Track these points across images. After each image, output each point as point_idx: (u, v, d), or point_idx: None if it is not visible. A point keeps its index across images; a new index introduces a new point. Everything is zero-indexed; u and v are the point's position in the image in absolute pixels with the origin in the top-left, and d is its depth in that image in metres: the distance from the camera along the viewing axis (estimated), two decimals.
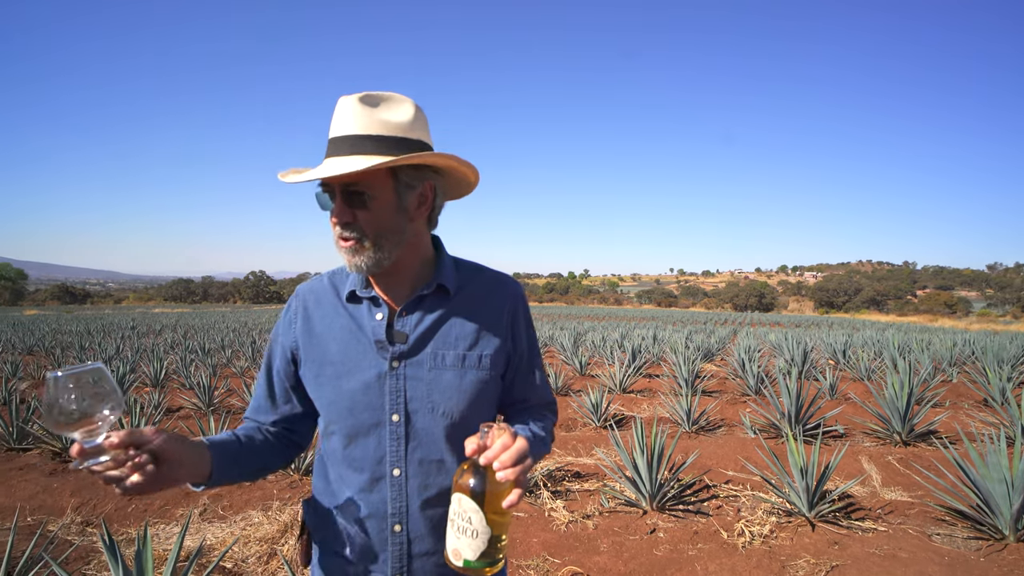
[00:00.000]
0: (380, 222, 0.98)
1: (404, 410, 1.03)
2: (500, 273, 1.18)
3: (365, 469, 1.04)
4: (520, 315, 1.15)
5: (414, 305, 1.07)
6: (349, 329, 1.07)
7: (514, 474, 0.83)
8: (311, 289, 1.14)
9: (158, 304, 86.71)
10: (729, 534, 3.34)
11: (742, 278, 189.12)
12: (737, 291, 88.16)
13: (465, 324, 1.08)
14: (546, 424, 1.16)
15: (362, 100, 0.97)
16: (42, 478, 4.28)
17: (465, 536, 0.86)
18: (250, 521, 3.47)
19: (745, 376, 7.88)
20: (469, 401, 1.05)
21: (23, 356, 12.66)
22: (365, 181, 0.96)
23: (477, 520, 0.84)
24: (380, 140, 0.96)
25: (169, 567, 2.11)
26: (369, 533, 1.05)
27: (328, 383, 1.06)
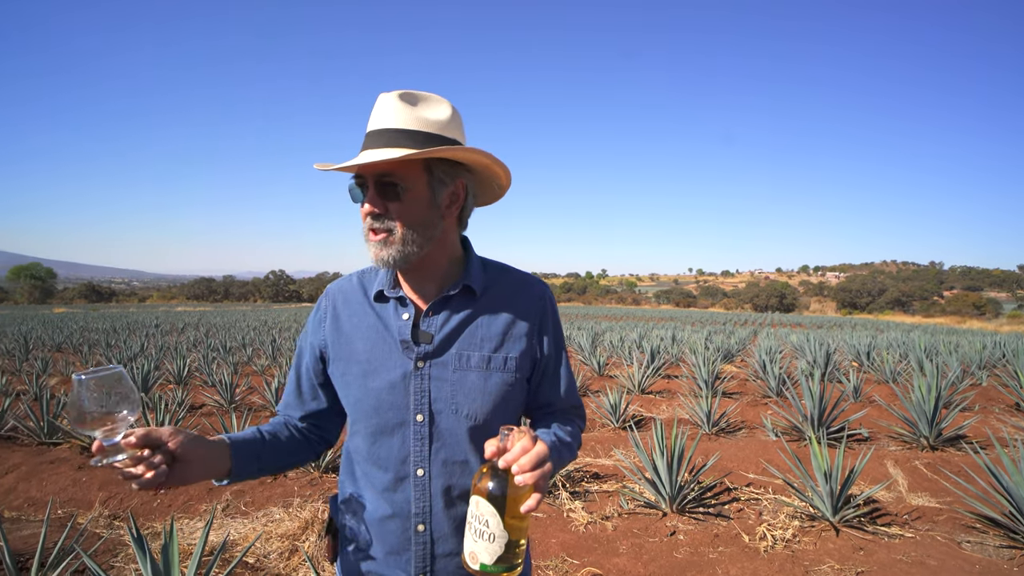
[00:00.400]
0: (412, 215, 0.99)
1: (428, 410, 1.03)
2: (528, 275, 1.16)
3: (389, 468, 1.05)
4: (547, 318, 1.13)
5: (440, 305, 1.06)
6: (376, 328, 1.07)
7: (532, 478, 0.82)
8: (340, 288, 1.15)
9: (181, 303, 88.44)
10: (751, 538, 3.29)
11: (762, 278, 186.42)
12: (757, 291, 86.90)
13: (491, 325, 1.07)
14: (572, 429, 1.14)
15: (401, 97, 0.99)
16: (71, 472, 4.39)
17: (482, 540, 0.85)
18: (271, 517, 3.52)
19: (766, 378, 7.76)
20: (493, 403, 1.04)
21: (52, 353, 13.01)
22: (399, 172, 0.97)
23: (494, 524, 0.83)
24: (416, 135, 0.97)
25: (194, 562, 2.15)
26: (393, 532, 1.05)
27: (354, 382, 1.07)
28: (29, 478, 4.30)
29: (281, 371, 7.61)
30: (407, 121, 0.97)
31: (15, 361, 11.23)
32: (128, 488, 4.11)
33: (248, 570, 2.90)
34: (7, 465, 4.52)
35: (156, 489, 0.85)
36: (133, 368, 8.24)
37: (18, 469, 4.44)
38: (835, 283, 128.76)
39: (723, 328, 22.20)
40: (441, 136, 0.99)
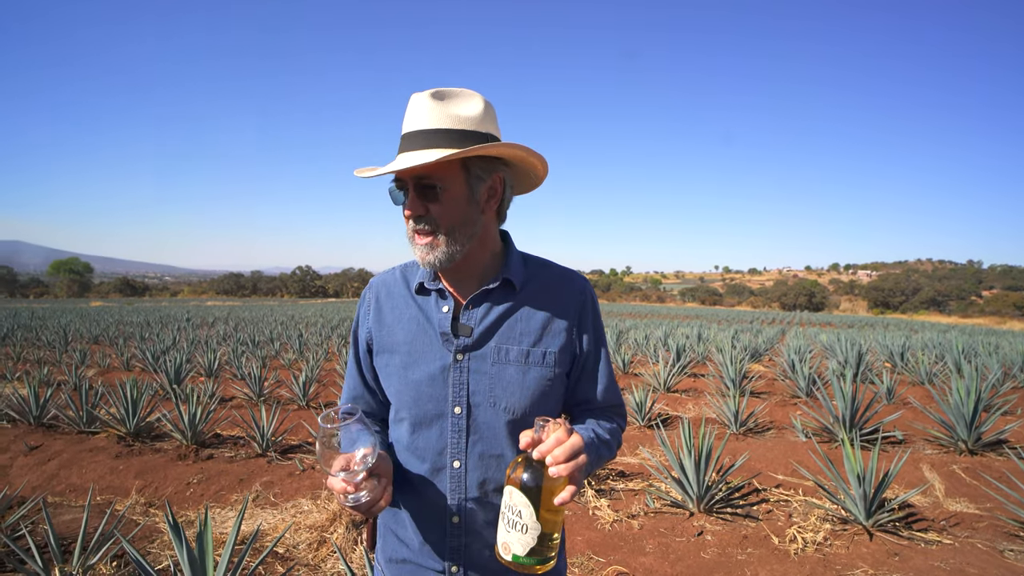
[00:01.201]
0: (452, 214, 1.00)
1: (466, 403, 1.03)
2: (569, 269, 1.15)
3: (427, 459, 1.06)
4: (587, 313, 1.12)
5: (480, 299, 1.07)
6: (417, 320, 1.08)
7: (567, 470, 0.81)
8: (383, 281, 1.18)
9: (211, 297, 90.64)
10: (780, 540, 3.23)
11: (790, 276, 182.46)
12: (785, 290, 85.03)
13: (531, 320, 1.07)
14: (612, 427, 1.13)
15: (433, 96, 0.99)
16: (109, 460, 4.53)
17: (515, 531, 0.84)
18: (300, 509, 3.58)
19: (795, 377, 7.60)
20: (531, 397, 1.04)
21: (90, 345, 13.46)
22: (437, 174, 0.98)
23: (527, 515, 0.83)
24: (451, 133, 0.97)
25: (227, 550, 2.19)
26: (429, 522, 1.06)
27: (396, 373, 1.09)
28: (70, 465, 4.46)
29: (308, 366, 7.73)
30: (440, 120, 0.98)
31: (55, 352, 11.65)
32: (162, 476, 4.23)
33: (278, 560, 2.96)
34: (50, 452, 4.70)
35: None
36: (166, 361, 8.47)
37: (60, 456, 4.61)
38: (867, 281, 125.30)
39: (750, 327, 21.81)
40: (476, 132, 0.99)
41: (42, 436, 5.12)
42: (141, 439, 5.15)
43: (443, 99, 0.99)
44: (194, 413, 4.94)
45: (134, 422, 5.11)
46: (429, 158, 0.94)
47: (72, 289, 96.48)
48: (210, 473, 4.25)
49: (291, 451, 4.90)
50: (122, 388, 5.24)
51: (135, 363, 10.24)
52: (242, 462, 4.54)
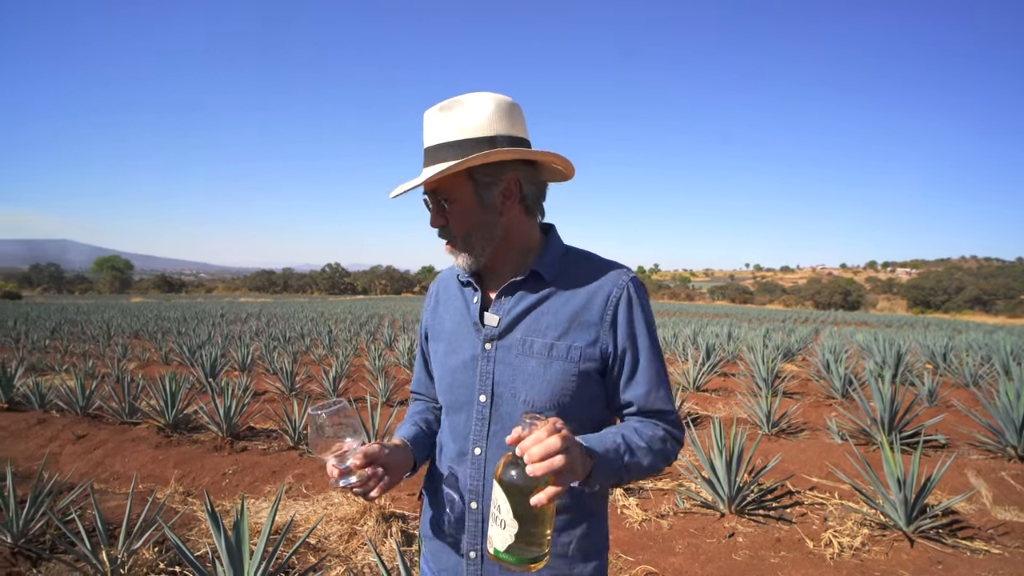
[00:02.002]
0: (465, 223, 1.04)
1: (491, 392, 1.06)
2: (612, 263, 1.11)
3: (456, 443, 1.10)
4: (624, 308, 1.04)
5: (509, 290, 1.08)
6: (460, 311, 1.14)
7: (540, 470, 0.78)
8: (444, 276, 1.24)
9: (243, 294, 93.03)
10: (815, 544, 3.15)
11: (825, 274, 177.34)
12: (819, 288, 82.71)
13: (559, 313, 1.05)
14: (652, 436, 1.03)
15: (439, 109, 1.02)
16: (149, 450, 4.70)
17: (495, 525, 0.84)
18: (331, 501, 3.64)
19: (830, 378, 7.39)
20: (551, 392, 1.02)
21: (130, 339, 13.97)
22: (443, 187, 1.03)
23: (505, 511, 0.82)
24: (453, 146, 1.00)
25: (262, 539, 2.25)
26: (453, 505, 1.10)
27: (439, 360, 1.15)
28: (114, 454, 4.64)
29: (338, 361, 7.86)
30: (445, 133, 1.01)
31: (99, 346, 12.13)
32: (199, 467, 4.36)
33: (310, 550, 3.02)
34: (95, 441, 4.89)
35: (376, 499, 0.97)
36: (202, 355, 8.72)
37: (104, 445, 4.80)
38: (906, 280, 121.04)
39: (782, 326, 21.33)
40: (478, 139, 1.00)
41: (88, 426, 5.33)
42: (179, 430, 5.32)
43: (447, 110, 1.02)
44: (229, 406, 5.08)
45: (172, 414, 5.28)
46: (420, 179, 1.00)
47: (114, 285, 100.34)
48: (244, 464, 4.36)
49: None
50: (161, 381, 5.42)
51: (173, 357, 10.59)
52: (275, 454, 4.64)
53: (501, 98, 1.03)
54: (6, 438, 5.16)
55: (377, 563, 2.04)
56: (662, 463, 1.04)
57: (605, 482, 0.95)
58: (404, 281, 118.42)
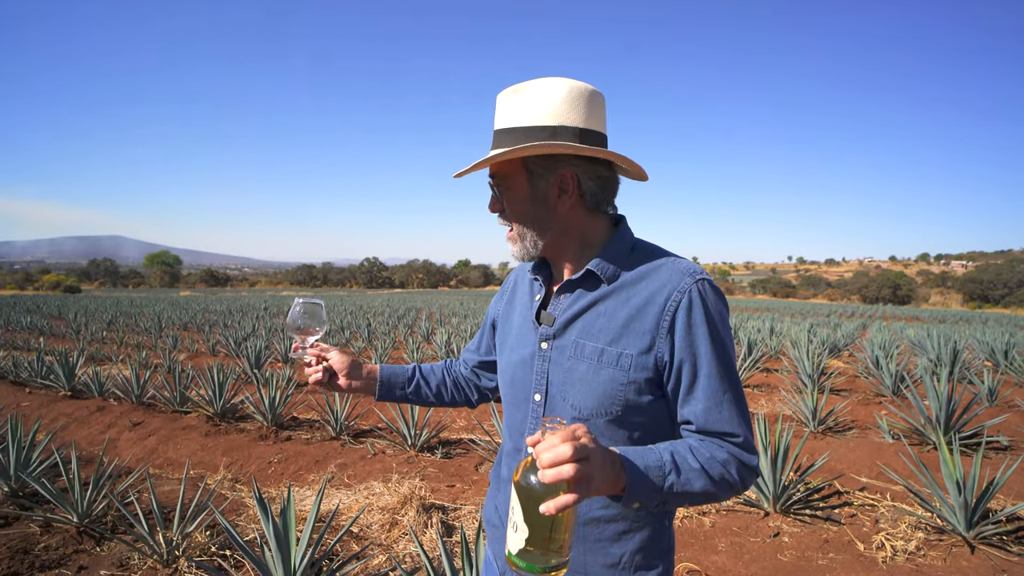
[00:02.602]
0: (518, 212, 1.02)
1: (545, 392, 1.03)
2: (681, 263, 1.00)
3: (512, 438, 1.11)
4: (684, 314, 0.94)
5: (567, 289, 1.05)
6: (526, 305, 1.13)
7: (549, 478, 0.73)
8: (523, 266, 1.22)
9: (285, 287, 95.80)
10: (866, 546, 3.03)
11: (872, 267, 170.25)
12: (867, 281, 79.35)
13: (614, 316, 0.98)
14: (711, 457, 0.92)
15: (511, 92, 1.00)
16: (199, 438, 4.89)
17: (510, 526, 0.82)
18: (372, 491, 3.71)
19: (880, 375, 7.09)
20: (599, 399, 0.97)
21: (180, 331, 14.56)
22: (501, 173, 1.02)
23: (518, 513, 0.80)
24: (514, 132, 0.97)
25: (308, 526, 2.30)
26: (503, 499, 1.12)
27: (502, 354, 1.16)
28: (167, 441, 4.85)
29: (377, 354, 7.99)
30: (510, 118, 0.99)
31: (151, 338, 12.70)
32: (247, 455, 4.51)
33: (353, 538, 3.08)
34: (149, 429, 5.12)
35: (319, 390, 1.21)
36: (247, 347, 9.02)
37: (158, 433, 5.02)
38: (961, 273, 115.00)
39: (827, 320, 20.61)
40: (542, 127, 0.95)
41: (143, 414, 5.59)
42: (227, 419, 5.52)
43: (516, 94, 0.99)
44: (273, 397, 5.23)
45: (220, 404, 5.48)
46: (476, 162, 0.99)
47: (164, 279, 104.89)
48: (288, 453, 4.49)
49: (362, 435, 5.09)
50: (209, 372, 5.63)
51: (219, 348, 10.98)
52: (317, 444, 4.76)
53: (577, 85, 0.97)
54: (70, 424, 5.46)
55: (420, 554, 2.07)
56: (724, 491, 0.92)
57: (645, 500, 0.86)
58: (441, 275, 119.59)
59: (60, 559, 2.71)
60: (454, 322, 15.79)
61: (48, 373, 6.92)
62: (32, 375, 6.97)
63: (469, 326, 13.45)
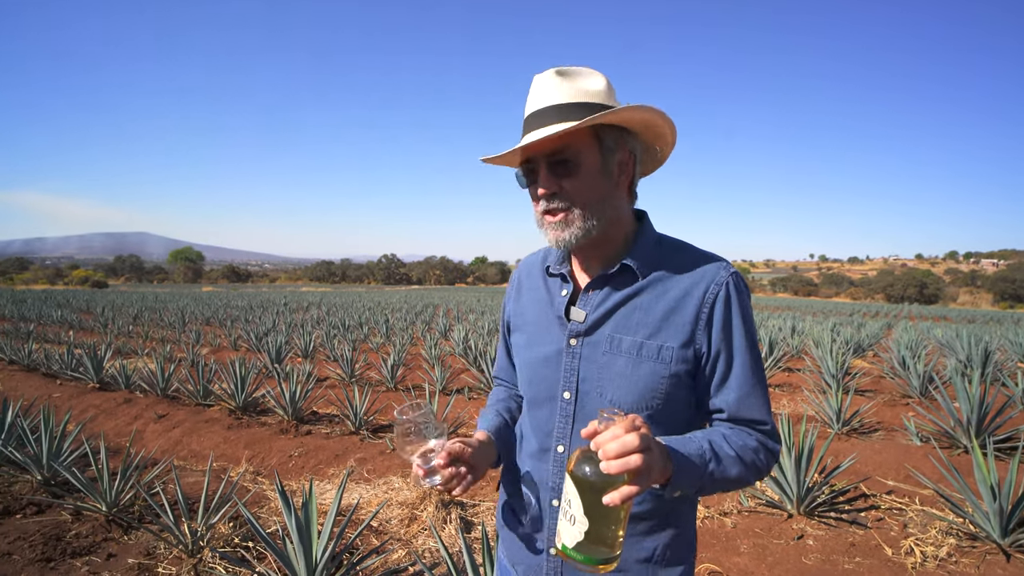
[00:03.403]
0: (588, 189, 0.97)
1: (575, 389, 1.01)
2: (710, 255, 1.03)
3: (537, 438, 1.07)
4: (722, 307, 0.97)
5: (598, 284, 1.03)
6: (544, 302, 1.09)
7: (615, 468, 0.73)
8: (527, 262, 1.20)
9: (304, 283, 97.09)
10: (895, 551, 2.95)
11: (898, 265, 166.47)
12: (891, 280, 77.52)
13: (650, 310, 0.98)
14: (743, 445, 0.95)
15: (558, 73, 0.97)
16: (222, 431, 4.96)
17: (565, 520, 0.81)
18: (391, 486, 3.73)
19: (906, 375, 6.92)
20: (639, 393, 0.97)
21: (203, 326, 14.83)
22: (572, 147, 0.95)
23: (576, 506, 0.79)
24: (581, 107, 0.95)
25: (329, 520, 2.32)
26: (533, 500, 1.07)
27: (520, 352, 1.12)
28: (191, 433, 4.93)
29: (395, 350, 8.04)
30: (568, 95, 0.95)
31: (175, 332, 12.96)
32: (268, 448, 4.57)
33: (372, 533, 3.10)
34: (174, 421, 5.22)
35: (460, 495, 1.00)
36: (268, 342, 9.15)
37: (182, 425, 5.11)
38: (992, 272, 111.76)
39: (850, 319, 20.21)
40: (604, 105, 0.96)
41: (167, 406, 5.70)
42: (248, 413, 5.60)
43: (569, 76, 0.97)
44: (294, 391, 5.29)
45: (242, 398, 5.56)
46: (561, 127, 0.91)
47: (187, 275, 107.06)
48: (309, 447, 4.54)
49: (381, 430, 5.13)
50: (232, 366, 5.72)
51: (241, 343, 11.16)
52: (337, 439, 4.80)
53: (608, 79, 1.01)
54: (98, 415, 5.60)
55: (438, 548, 2.07)
56: (753, 476, 0.95)
57: (686, 488, 0.89)
58: (458, 272, 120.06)
59: (90, 546, 2.78)
60: (471, 319, 15.83)
61: (77, 366, 7.10)
62: (63, 367, 7.16)
63: (486, 323, 13.47)
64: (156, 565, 2.65)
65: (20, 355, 8.10)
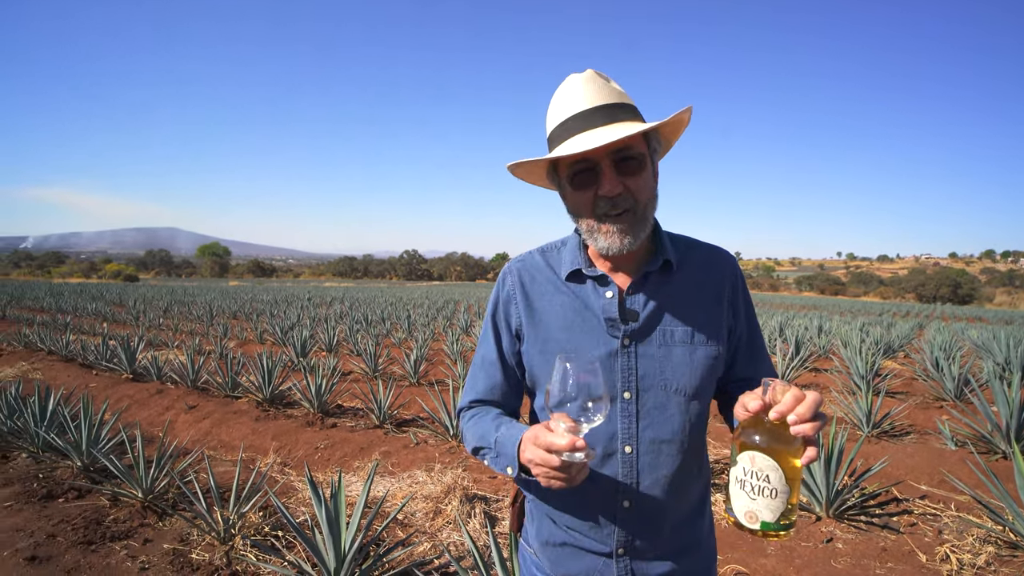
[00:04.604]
0: (647, 189, 0.99)
1: (635, 388, 1.02)
2: (716, 246, 1.13)
3: (596, 445, 1.02)
4: (740, 289, 1.10)
5: (641, 283, 1.05)
6: (573, 308, 1.06)
7: (812, 429, 0.78)
8: (524, 267, 1.13)
9: (327, 279, 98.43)
10: (929, 557, 2.88)
11: (930, 264, 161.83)
12: (923, 279, 75.24)
13: (690, 300, 1.05)
14: None
15: (597, 74, 0.99)
16: (250, 422, 5.07)
17: (762, 496, 0.81)
18: (415, 480, 3.77)
19: (940, 377, 6.73)
20: (700, 377, 1.03)
21: (230, 320, 15.15)
22: (636, 146, 0.97)
23: (776, 479, 0.80)
24: (626, 108, 0.98)
25: (357, 511, 2.35)
26: (595, 507, 1.04)
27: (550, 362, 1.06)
28: (220, 424, 5.05)
29: (418, 345, 8.11)
30: (613, 96, 0.98)
31: (204, 325, 13.26)
32: (295, 440, 4.65)
33: (398, 525, 3.14)
34: (204, 412, 5.35)
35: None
36: (293, 336, 9.30)
37: (211, 416, 5.23)
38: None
39: (879, 319, 19.71)
40: (635, 107, 1.01)
41: (197, 397, 5.84)
42: (275, 405, 5.71)
43: (605, 78, 1.00)
44: (320, 385, 5.38)
45: (270, 390, 5.67)
46: (633, 129, 0.91)
47: (214, 270, 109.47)
48: (334, 440, 4.60)
49: (405, 424, 5.18)
50: (259, 359, 5.83)
51: (267, 337, 11.37)
52: (362, 432, 4.87)
53: None
54: (132, 405, 5.76)
55: (464, 542, 2.08)
56: None
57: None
58: (479, 268, 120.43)
59: (128, 531, 2.87)
60: None
61: (112, 357, 7.32)
62: (98, 358, 7.39)
63: None
64: (190, 551, 2.72)
65: (58, 346, 8.38)
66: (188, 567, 2.61)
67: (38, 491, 3.26)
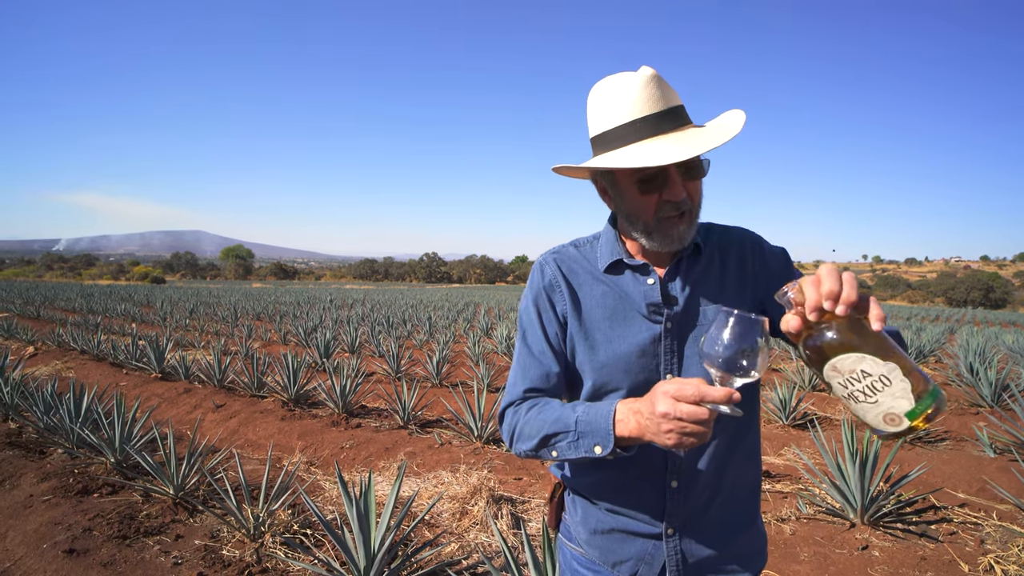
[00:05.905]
0: (700, 192, 1.04)
1: (679, 369, 1.04)
2: (730, 226, 1.18)
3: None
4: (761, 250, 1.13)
5: (676, 268, 1.08)
6: (612, 295, 1.09)
7: (849, 297, 0.71)
8: (561, 258, 1.14)
9: (348, 281, 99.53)
10: (971, 568, 2.78)
11: (960, 267, 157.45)
12: (953, 283, 73.20)
13: (722, 278, 1.09)
14: None
15: (656, 74, 0.98)
16: (276, 421, 5.13)
17: (886, 391, 0.72)
18: (441, 480, 3.77)
19: (976, 383, 6.52)
20: None
21: (254, 321, 15.39)
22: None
23: (870, 365, 0.72)
24: (684, 110, 1.01)
25: (387, 511, 2.36)
26: (644, 489, 1.05)
27: (600, 347, 1.08)
28: (247, 423, 5.12)
29: (440, 346, 8.13)
30: (675, 98, 1.00)
31: (229, 326, 13.48)
32: (320, 439, 4.69)
33: (425, 526, 3.14)
34: (231, 411, 5.43)
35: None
36: (316, 337, 9.40)
37: (238, 415, 5.31)
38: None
39: (908, 324, 19.21)
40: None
41: (224, 396, 5.93)
42: (300, 405, 5.77)
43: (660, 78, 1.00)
44: (344, 385, 5.42)
45: (295, 390, 5.73)
46: (722, 139, 0.92)
47: (238, 272, 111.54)
48: (359, 440, 4.63)
49: (429, 425, 5.19)
50: (284, 359, 5.90)
51: (290, 338, 11.51)
52: (386, 432, 4.89)
53: None
54: (161, 404, 5.88)
55: (496, 543, 2.07)
56: None
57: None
58: (498, 270, 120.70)
59: (160, 527, 2.91)
60: (512, 317, 15.85)
61: (141, 356, 7.49)
62: (128, 358, 7.56)
63: None
64: (221, 547, 2.75)
65: (90, 345, 8.60)
66: (220, 563, 2.64)
67: (74, 486, 3.33)
